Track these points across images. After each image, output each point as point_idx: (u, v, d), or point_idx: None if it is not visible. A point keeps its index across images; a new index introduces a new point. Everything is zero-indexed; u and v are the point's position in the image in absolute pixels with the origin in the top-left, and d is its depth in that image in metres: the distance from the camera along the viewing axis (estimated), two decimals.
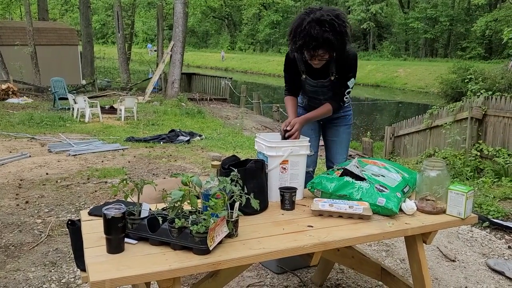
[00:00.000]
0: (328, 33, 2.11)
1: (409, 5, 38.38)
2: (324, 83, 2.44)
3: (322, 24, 2.10)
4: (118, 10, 18.03)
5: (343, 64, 2.37)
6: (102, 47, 30.12)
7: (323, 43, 2.13)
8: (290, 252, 1.68)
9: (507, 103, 6.10)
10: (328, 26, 2.11)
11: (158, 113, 11.37)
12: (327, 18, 2.11)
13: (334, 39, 2.13)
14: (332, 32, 2.12)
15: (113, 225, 1.52)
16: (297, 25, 2.18)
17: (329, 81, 2.43)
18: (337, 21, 2.13)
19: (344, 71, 2.39)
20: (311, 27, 2.11)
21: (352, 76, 2.41)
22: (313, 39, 2.12)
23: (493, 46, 29.92)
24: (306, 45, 2.15)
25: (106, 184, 4.71)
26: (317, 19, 2.11)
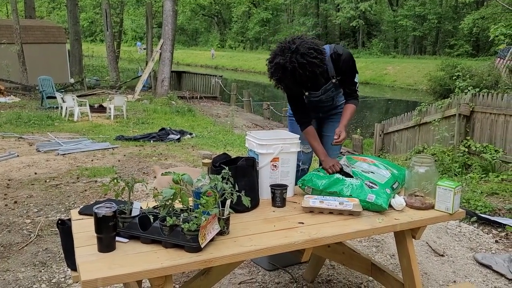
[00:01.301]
0: (288, 80, 2.19)
1: (398, 3, 38.62)
2: (327, 87, 2.47)
3: (284, 70, 2.16)
4: (106, 8, 17.88)
5: (341, 67, 2.41)
6: (91, 45, 29.83)
7: (308, 82, 2.21)
8: (281, 248, 1.70)
9: (493, 99, 6.18)
10: (303, 72, 2.15)
11: (148, 112, 11.31)
12: (289, 66, 2.14)
13: (297, 81, 2.19)
14: (293, 78, 2.17)
15: (104, 224, 1.52)
16: (269, 61, 2.26)
17: (331, 84, 2.46)
18: (299, 70, 2.15)
19: (347, 72, 2.44)
20: (282, 76, 2.19)
21: (355, 73, 2.48)
22: (279, 82, 2.24)
23: (480, 44, 30.26)
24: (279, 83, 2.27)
25: (96, 183, 4.69)
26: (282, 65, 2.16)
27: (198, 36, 53.00)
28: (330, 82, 2.44)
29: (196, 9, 37.91)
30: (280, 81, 2.23)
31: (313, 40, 2.23)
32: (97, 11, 23.45)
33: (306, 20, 41.35)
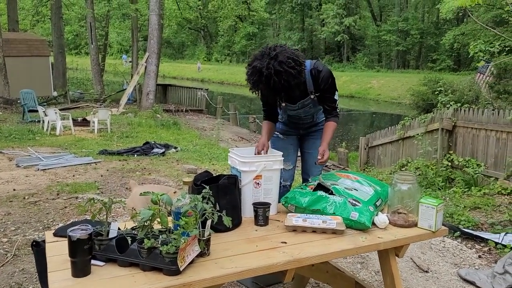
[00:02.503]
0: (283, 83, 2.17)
1: (381, 18, 39.39)
2: (304, 102, 2.47)
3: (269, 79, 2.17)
4: (91, 21, 17.80)
5: (320, 83, 2.40)
6: (75, 58, 29.63)
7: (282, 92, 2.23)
8: (263, 270, 1.66)
9: (475, 114, 6.28)
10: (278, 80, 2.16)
11: (132, 125, 11.20)
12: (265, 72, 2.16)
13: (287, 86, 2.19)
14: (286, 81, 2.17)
15: (79, 247, 1.46)
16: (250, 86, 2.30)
17: (309, 99, 2.45)
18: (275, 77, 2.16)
19: (326, 89, 2.43)
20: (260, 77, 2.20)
21: (334, 90, 2.47)
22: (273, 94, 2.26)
23: (461, 59, 30.93)
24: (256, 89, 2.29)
25: (77, 200, 4.58)
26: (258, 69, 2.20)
27: (185, 49, 53.08)
28: (308, 98, 2.44)
29: (183, 22, 38.00)
30: (255, 85, 2.25)
31: (294, 51, 2.25)
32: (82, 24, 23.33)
33: (292, 34, 41.82)
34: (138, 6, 18.09)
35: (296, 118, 2.53)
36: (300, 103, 2.46)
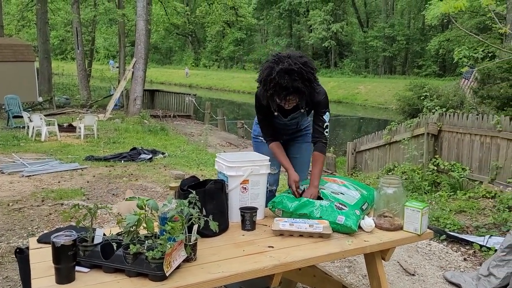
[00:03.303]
0: (298, 82, 2.14)
1: (368, 25, 39.83)
2: (295, 115, 2.48)
3: (291, 73, 2.13)
4: (77, 26, 17.66)
5: (313, 101, 2.41)
6: (61, 63, 29.33)
7: (293, 91, 2.16)
8: (250, 274, 1.66)
9: (459, 119, 6.37)
10: (297, 75, 2.14)
11: (119, 131, 11.12)
12: (295, 68, 2.14)
13: (303, 87, 2.16)
14: (301, 80, 2.15)
15: (63, 254, 1.45)
16: (266, 74, 2.20)
17: (299, 113, 2.46)
18: (304, 69, 2.17)
19: (317, 107, 2.43)
20: (280, 77, 2.13)
21: (326, 111, 2.44)
22: (283, 89, 2.15)
23: (446, 64, 31.41)
24: (277, 94, 2.19)
25: (62, 206, 4.52)
26: (285, 69, 2.14)
27: (172, 55, 52.95)
28: (298, 111, 2.45)
29: (170, 28, 37.93)
30: (287, 87, 2.13)
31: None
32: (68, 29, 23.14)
33: (280, 40, 42.04)
34: (125, 12, 18.02)
35: (282, 125, 2.54)
36: (290, 116, 2.48)
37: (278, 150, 2.49)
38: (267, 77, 2.19)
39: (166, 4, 20.13)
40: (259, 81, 2.28)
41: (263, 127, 2.55)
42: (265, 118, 2.50)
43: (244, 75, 36.46)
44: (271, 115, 2.46)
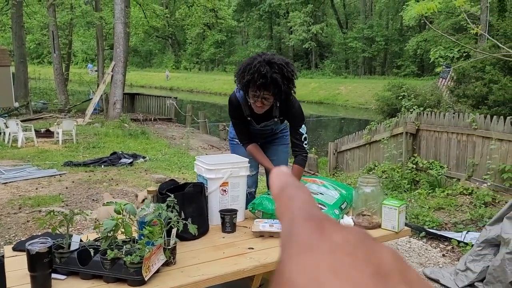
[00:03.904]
0: (277, 74, 2.13)
1: (347, 26, 40.28)
2: (267, 123, 2.48)
3: (272, 65, 2.13)
4: (53, 29, 17.36)
5: (288, 112, 2.41)
6: (37, 67, 28.75)
7: (271, 82, 2.13)
8: (230, 276, 1.66)
9: (437, 118, 6.49)
10: (277, 68, 2.14)
11: (99, 135, 10.97)
12: (277, 62, 2.15)
13: (280, 81, 2.14)
14: (280, 75, 2.14)
15: (38, 261, 1.42)
16: (247, 63, 2.20)
17: (272, 122, 2.47)
18: (286, 67, 2.17)
19: (292, 120, 2.43)
20: (261, 65, 2.12)
21: (302, 123, 2.44)
22: (261, 76, 2.11)
23: (424, 64, 31.97)
24: (253, 81, 2.13)
25: (40, 213, 4.44)
26: (267, 60, 2.14)
27: (152, 58, 52.53)
28: (272, 120, 2.46)
29: (150, 31, 37.63)
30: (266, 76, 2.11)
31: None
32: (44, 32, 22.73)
33: (260, 42, 42.16)
34: (103, 14, 17.79)
35: (257, 129, 2.55)
36: (263, 123, 2.48)
37: (256, 151, 2.49)
38: (247, 65, 2.18)
39: (145, 7, 19.96)
40: (237, 70, 2.25)
41: (238, 131, 2.54)
42: (239, 123, 2.49)
43: (225, 77, 36.41)
44: (245, 120, 2.47)
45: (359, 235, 0.21)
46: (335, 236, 0.21)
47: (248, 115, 2.41)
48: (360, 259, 0.20)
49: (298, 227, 0.22)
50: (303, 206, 0.24)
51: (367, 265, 0.19)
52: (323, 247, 0.21)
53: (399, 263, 0.20)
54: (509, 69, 9.27)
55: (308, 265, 0.20)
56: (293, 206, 0.24)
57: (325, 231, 0.22)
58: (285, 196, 0.25)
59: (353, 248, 0.20)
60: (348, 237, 0.21)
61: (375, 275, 0.19)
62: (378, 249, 0.21)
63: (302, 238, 0.22)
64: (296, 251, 0.21)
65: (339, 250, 0.20)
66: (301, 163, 2.43)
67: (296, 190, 0.25)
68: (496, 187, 5.14)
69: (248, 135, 2.51)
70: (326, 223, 0.22)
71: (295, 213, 0.24)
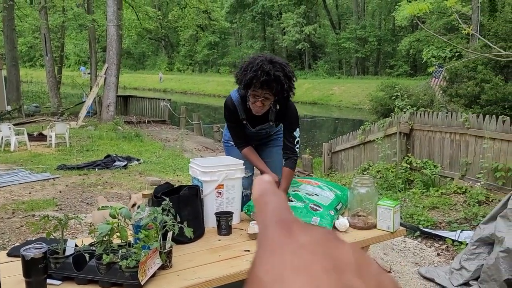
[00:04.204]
0: (279, 72, 2.14)
1: (340, 26, 40.43)
2: (263, 126, 2.49)
3: (274, 64, 2.15)
4: (45, 32, 17.26)
5: (284, 115, 2.42)
6: (30, 70, 28.57)
7: (273, 79, 2.13)
8: (226, 279, 1.66)
9: (430, 118, 6.53)
10: (279, 67, 2.16)
11: (92, 138, 10.91)
12: (279, 61, 2.18)
13: (283, 79, 2.15)
14: (282, 73, 2.15)
15: (33, 267, 1.41)
16: (249, 62, 2.21)
17: (268, 125, 2.48)
18: (287, 67, 2.20)
19: (288, 123, 2.44)
20: (263, 63, 2.14)
21: (296, 127, 2.46)
22: (264, 73, 2.12)
23: (417, 64, 32.16)
24: (257, 78, 2.13)
25: (34, 218, 4.40)
26: (269, 59, 2.17)
27: (145, 60, 52.38)
28: (267, 124, 2.47)
29: (142, 33, 37.53)
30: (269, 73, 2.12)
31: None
32: (36, 35, 22.60)
33: (254, 43, 42.18)
34: (95, 17, 17.72)
35: (252, 132, 2.55)
36: (259, 127, 2.49)
37: (252, 154, 2.48)
38: (249, 64, 2.19)
39: (138, 9, 19.91)
40: (239, 69, 2.25)
41: (233, 135, 2.53)
42: (235, 126, 2.49)
43: (219, 79, 36.39)
44: (240, 124, 2.47)
45: (324, 234, 0.23)
46: (301, 237, 0.23)
47: (244, 118, 2.41)
48: (320, 256, 0.22)
49: (269, 230, 0.25)
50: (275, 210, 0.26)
51: (326, 261, 0.22)
52: (289, 247, 0.23)
53: (359, 259, 0.22)
54: (500, 69, 9.35)
55: (273, 264, 0.22)
56: (267, 210, 0.26)
57: (293, 233, 0.24)
58: (262, 202, 0.27)
59: (315, 246, 0.22)
60: (313, 237, 0.23)
61: (332, 269, 0.21)
62: (340, 246, 0.23)
63: (271, 240, 0.24)
64: (265, 252, 0.23)
65: (302, 249, 0.22)
66: (292, 166, 2.43)
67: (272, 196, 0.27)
68: (489, 186, 5.18)
69: (243, 138, 2.51)
70: (294, 226, 0.24)
71: (268, 217, 0.26)
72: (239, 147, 2.51)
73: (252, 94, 2.23)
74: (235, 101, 2.41)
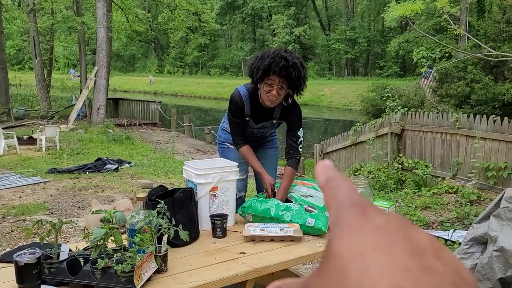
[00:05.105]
0: (296, 60, 2.20)
1: (330, 28, 40.65)
2: (265, 124, 2.48)
3: (290, 53, 2.22)
4: (34, 35, 17.08)
5: (289, 113, 2.43)
6: (18, 73, 28.25)
7: (291, 65, 2.17)
8: (222, 282, 1.65)
9: (421, 118, 6.59)
10: (295, 56, 2.24)
11: (83, 141, 10.82)
12: (293, 52, 2.25)
13: (300, 67, 2.20)
14: (298, 62, 2.22)
15: (27, 273, 1.39)
16: (263, 52, 2.26)
17: (270, 123, 2.47)
18: (300, 58, 2.27)
19: (292, 122, 2.44)
20: (280, 51, 2.20)
21: (300, 127, 2.47)
22: (282, 59, 2.16)
23: (407, 65, 32.45)
24: (275, 63, 2.16)
25: (25, 223, 4.35)
26: (284, 49, 2.24)
27: (135, 62, 52.14)
28: (270, 121, 2.47)
29: (132, 35, 37.37)
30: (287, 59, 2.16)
31: None
32: (24, 38, 22.36)
33: (244, 45, 42.22)
34: (85, 19, 17.57)
35: (249, 132, 2.55)
36: (261, 124, 2.48)
37: (249, 154, 2.47)
38: (265, 53, 2.24)
39: (127, 11, 19.79)
40: (255, 57, 2.27)
41: (234, 131, 2.48)
42: (239, 122, 2.45)
43: (210, 81, 36.33)
44: (244, 120, 2.45)
45: (398, 218, 0.24)
46: (377, 219, 0.24)
47: (248, 115, 2.41)
48: (399, 238, 0.23)
49: (344, 212, 0.25)
50: (348, 194, 0.27)
51: (405, 243, 0.22)
52: (367, 228, 0.24)
53: (435, 244, 0.23)
54: (490, 69, 9.47)
55: (353, 242, 0.23)
56: (339, 194, 0.27)
57: (368, 215, 0.24)
58: (331, 187, 0.28)
59: (393, 229, 0.23)
60: (388, 220, 0.24)
61: (412, 251, 0.22)
62: (416, 231, 0.23)
63: (348, 221, 0.25)
64: (343, 232, 0.24)
65: (380, 231, 0.23)
66: (294, 166, 2.43)
67: (341, 181, 0.28)
68: (480, 185, 5.23)
69: (244, 136, 2.48)
70: (369, 208, 0.25)
71: (341, 201, 0.26)
72: (238, 144, 2.48)
73: (267, 83, 2.23)
74: (243, 96, 2.39)
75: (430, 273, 0.21)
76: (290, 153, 2.45)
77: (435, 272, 0.21)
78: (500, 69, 9.58)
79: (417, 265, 0.21)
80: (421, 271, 0.21)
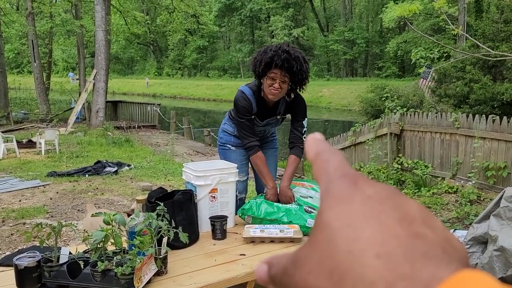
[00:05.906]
0: (298, 54, 2.23)
1: (328, 29, 40.70)
2: (270, 120, 2.49)
3: (292, 47, 2.25)
4: (33, 38, 17.09)
5: (294, 105, 2.44)
6: (17, 77, 28.25)
7: (293, 59, 2.19)
8: (223, 284, 1.64)
9: (420, 118, 6.59)
10: (297, 50, 2.27)
11: (82, 144, 10.81)
12: (295, 46, 2.28)
13: (302, 60, 2.23)
14: (301, 56, 2.24)
15: (27, 276, 1.39)
16: (266, 47, 2.30)
17: (275, 119, 2.48)
18: (302, 53, 2.28)
19: (297, 113, 2.47)
20: (282, 45, 2.24)
21: (305, 117, 2.51)
22: (284, 52, 2.19)
23: (405, 65, 32.49)
24: (278, 56, 2.19)
25: (25, 226, 4.34)
26: (286, 43, 2.26)
27: (134, 65, 52.17)
28: (274, 117, 2.47)
29: (131, 38, 37.38)
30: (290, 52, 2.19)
31: None
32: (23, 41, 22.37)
33: (243, 46, 42.26)
34: (83, 22, 17.58)
35: (257, 129, 2.55)
36: (266, 121, 2.48)
37: (262, 165, 2.42)
38: (267, 47, 2.28)
39: (126, 14, 19.81)
40: (257, 53, 2.31)
41: (245, 131, 2.41)
42: (248, 120, 2.42)
43: (208, 83, 36.34)
44: (251, 119, 2.45)
45: (389, 188, 0.25)
46: (367, 189, 0.24)
47: (254, 112, 2.41)
48: (389, 207, 0.23)
49: (334, 183, 0.25)
50: (338, 166, 0.27)
51: (395, 212, 0.23)
52: (357, 198, 0.24)
53: (425, 213, 0.23)
54: (488, 69, 9.48)
55: (343, 212, 0.23)
56: (329, 167, 0.27)
57: (359, 185, 0.25)
58: (321, 160, 0.28)
59: (382, 198, 0.23)
60: (378, 190, 0.24)
61: (402, 220, 0.22)
62: (406, 200, 0.24)
63: (338, 192, 0.25)
64: (333, 203, 0.24)
65: (370, 200, 0.23)
66: (298, 154, 2.45)
67: (331, 154, 0.28)
68: (480, 185, 5.23)
69: (255, 134, 2.44)
70: (360, 179, 0.25)
71: (331, 173, 0.26)
72: (251, 143, 2.40)
73: (269, 77, 2.25)
74: (248, 94, 2.39)
75: (419, 240, 0.21)
76: (294, 142, 2.46)
77: (424, 239, 0.22)
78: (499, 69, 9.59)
79: (406, 232, 0.22)
80: (410, 238, 0.21)
